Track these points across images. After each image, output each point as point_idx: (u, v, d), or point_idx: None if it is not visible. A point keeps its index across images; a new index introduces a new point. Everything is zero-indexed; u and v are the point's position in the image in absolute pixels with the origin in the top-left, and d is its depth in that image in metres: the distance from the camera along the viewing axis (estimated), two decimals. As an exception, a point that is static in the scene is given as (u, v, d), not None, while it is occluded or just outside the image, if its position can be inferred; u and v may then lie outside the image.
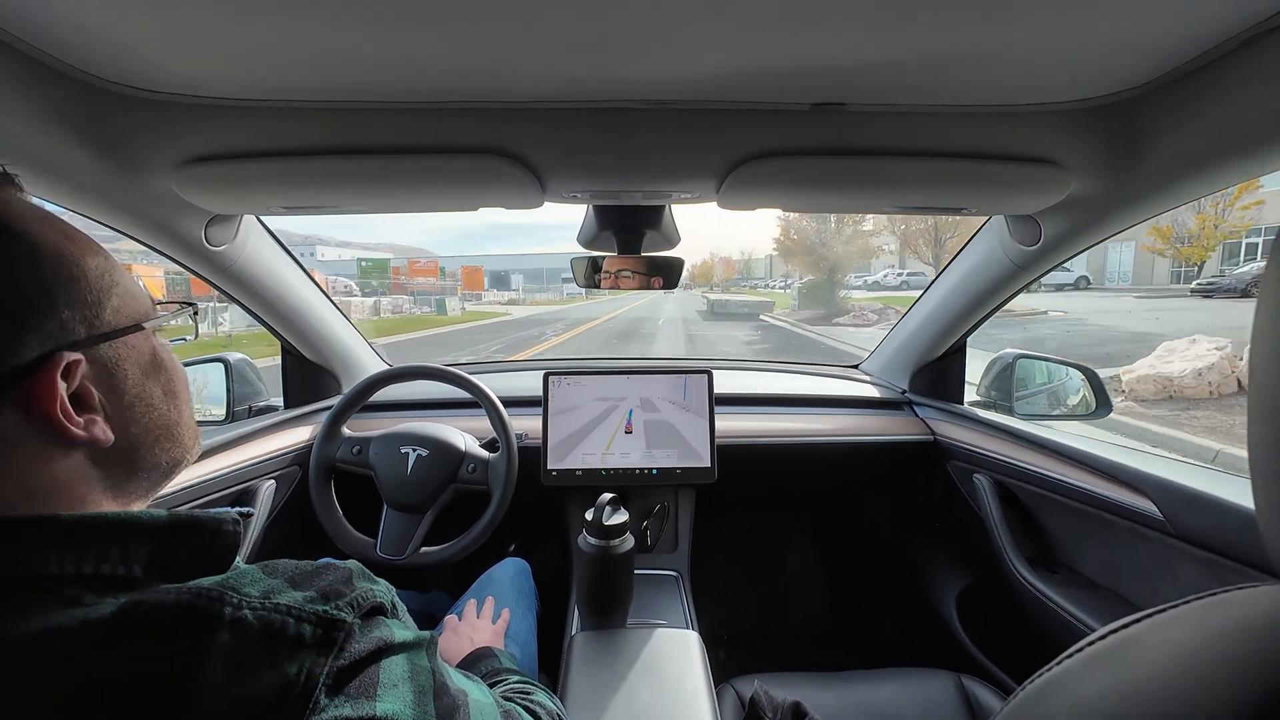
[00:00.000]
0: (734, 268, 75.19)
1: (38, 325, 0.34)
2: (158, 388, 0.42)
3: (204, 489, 1.01)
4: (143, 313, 0.41)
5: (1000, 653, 1.25)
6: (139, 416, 0.40)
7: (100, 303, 0.38)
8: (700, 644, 0.92)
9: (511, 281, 62.72)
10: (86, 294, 0.37)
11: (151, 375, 0.41)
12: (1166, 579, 0.87)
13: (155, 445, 0.41)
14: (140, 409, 0.40)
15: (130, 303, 0.40)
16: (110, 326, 0.38)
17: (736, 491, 1.45)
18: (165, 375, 0.43)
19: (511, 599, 1.05)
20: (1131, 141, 0.75)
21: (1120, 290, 22.58)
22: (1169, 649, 0.27)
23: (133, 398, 0.40)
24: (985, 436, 1.24)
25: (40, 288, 0.35)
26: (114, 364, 0.39)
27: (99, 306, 0.38)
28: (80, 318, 0.36)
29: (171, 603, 0.32)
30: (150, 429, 0.41)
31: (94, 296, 0.37)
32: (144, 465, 0.41)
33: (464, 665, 0.79)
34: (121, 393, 0.39)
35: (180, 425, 0.44)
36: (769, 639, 1.72)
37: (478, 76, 0.67)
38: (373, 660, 0.35)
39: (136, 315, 0.41)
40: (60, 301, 0.35)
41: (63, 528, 0.33)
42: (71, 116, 0.67)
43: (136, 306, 0.41)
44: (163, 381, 0.42)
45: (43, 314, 0.35)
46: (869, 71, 0.65)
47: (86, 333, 0.37)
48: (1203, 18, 0.55)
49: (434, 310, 24.96)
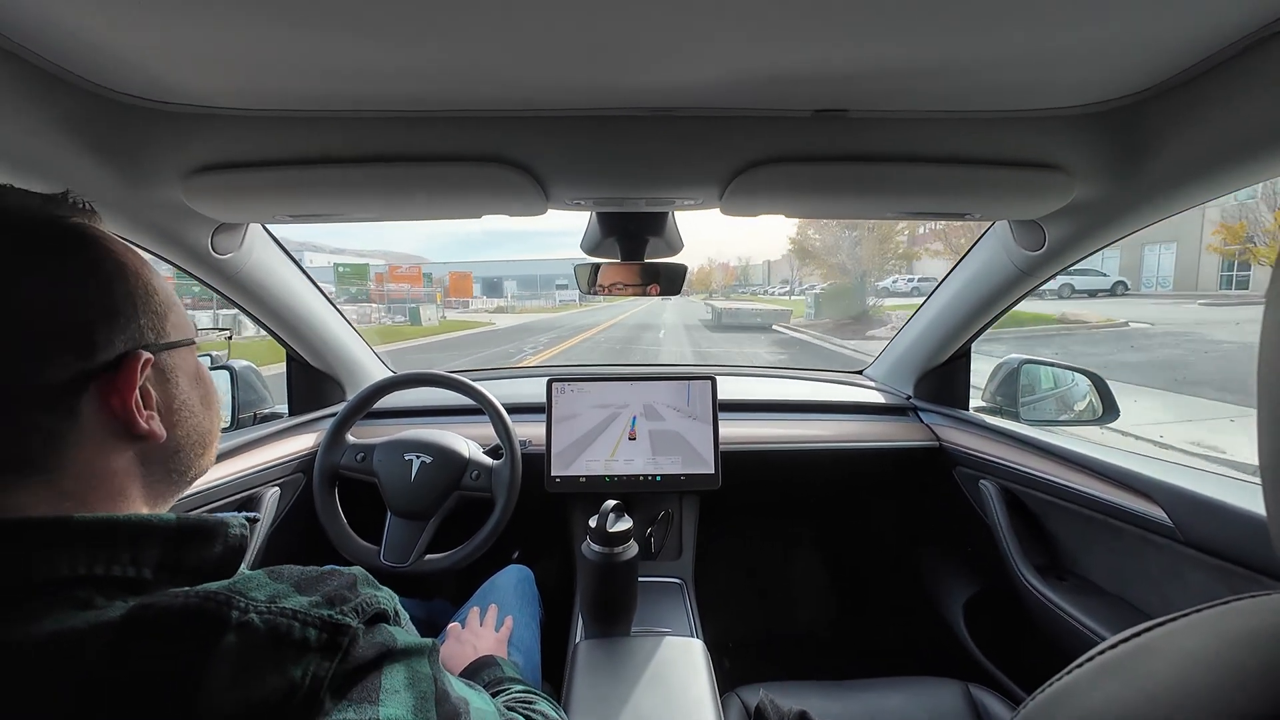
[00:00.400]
0: (732, 273, 74.20)
1: (125, 327, 0.40)
2: (198, 397, 0.46)
3: (209, 495, 1.01)
4: (192, 331, 0.47)
5: (1009, 661, 1.24)
6: (184, 420, 0.44)
7: (165, 316, 0.43)
8: (705, 652, 0.91)
9: (504, 288, 60.54)
10: (157, 307, 0.42)
11: (195, 385, 0.46)
12: (1177, 587, 0.86)
13: (192, 450, 0.46)
14: (185, 414, 0.45)
15: (184, 321, 0.46)
16: (171, 338, 0.43)
17: (741, 498, 1.44)
18: (204, 387, 0.48)
19: (515, 606, 1.05)
20: (1135, 146, 0.75)
21: (1168, 296, 19.42)
22: (1182, 658, 0.27)
23: (180, 403, 0.44)
24: (991, 442, 1.23)
25: (128, 298, 0.40)
26: (170, 371, 0.43)
27: (164, 320, 0.43)
28: (151, 326, 0.42)
29: (180, 606, 0.32)
30: (190, 433, 0.45)
31: (162, 310, 0.43)
32: (179, 468, 0.45)
33: (467, 674, 0.78)
34: (173, 397, 0.44)
35: (211, 434, 0.48)
36: (774, 647, 1.70)
37: (482, 86, 0.67)
38: (375, 666, 0.35)
39: (188, 333, 0.46)
40: (140, 310, 0.41)
41: (75, 530, 0.34)
42: (79, 126, 0.68)
43: (187, 325, 0.46)
44: (202, 392, 0.47)
45: (128, 319, 0.40)
46: (871, 78, 0.65)
47: (155, 339, 0.42)
48: (1206, 22, 0.55)
49: (408, 320, 23.72)
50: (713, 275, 71.16)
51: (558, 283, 73.89)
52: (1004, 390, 1.42)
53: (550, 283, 74.56)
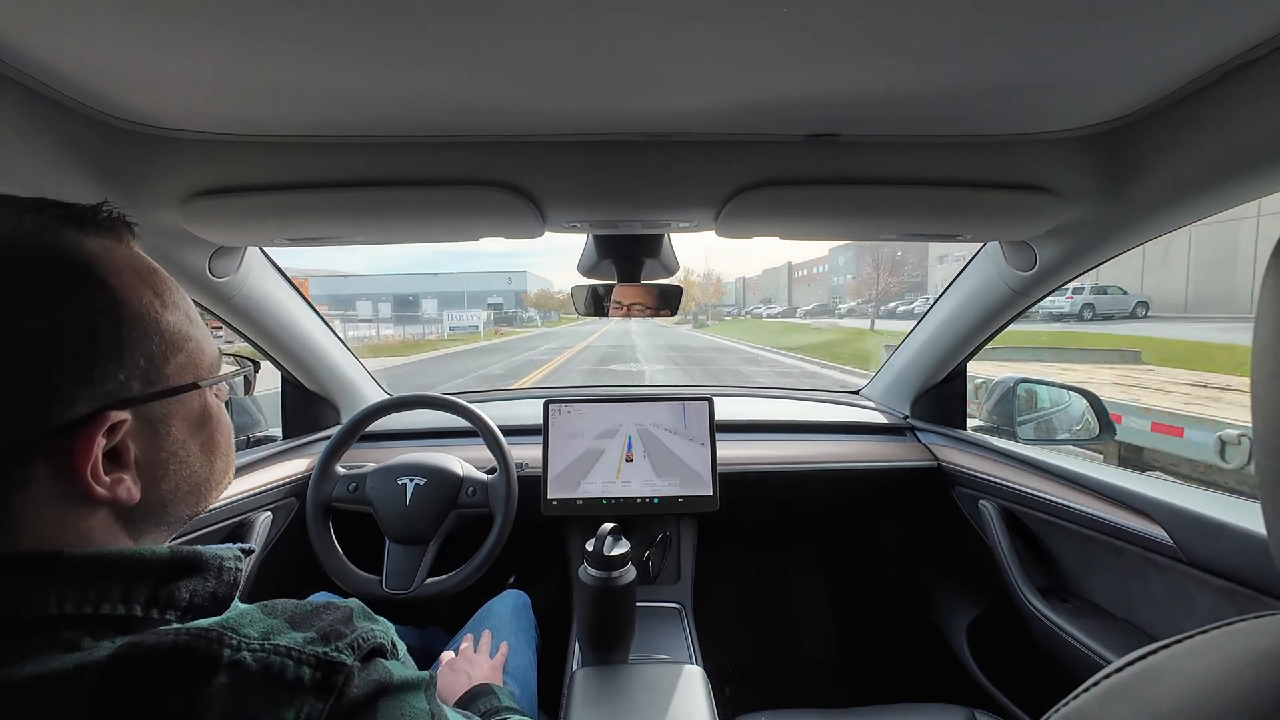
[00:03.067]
0: (719, 289, 70.10)
1: (99, 383, 0.34)
2: (197, 444, 0.41)
3: (201, 521, 1.00)
4: (207, 368, 0.41)
5: (1013, 685, 1.22)
6: (171, 474, 0.39)
7: (166, 359, 0.38)
8: (705, 680, 0.89)
9: (422, 306, 50.23)
10: (155, 349, 0.37)
11: (195, 431, 0.41)
12: (1182, 608, 0.85)
13: (181, 502, 0.41)
14: (174, 465, 0.39)
15: (196, 358, 0.40)
16: (168, 384, 0.38)
17: (739, 520, 1.43)
18: (208, 431, 0.42)
19: (511, 633, 1.03)
20: (1122, 169, 0.76)
21: (1203, 319, 15.91)
22: (1190, 680, 0.26)
23: (169, 454, 0.39)
24: (989, 462, 1.23)
25: (115, 343, 0.35)
26: (161, 420, 0.38)
27: (164, 363, 0.38)
28: (140, 374, 0.36)
29: (169, 644, 0.31)
30: (179, 485, 0.40)
31: (162, 351, 0.38)
32: (166, 520, 0.41)
33: (462, 703, 0.76)
34: (159, 449, 0.38)
35: (209, 482, 0.43)
36: (775, 674, 1.67)
37: (480, 112, 0.68)
38: (371, 704, 0.35)
39: (198, 373, 0.40)
40: (128, 358, 0.35)
41: (66, 566, 0.33)
42: (78, 151, 0.68)
43: (201, 362, 0.41)
44: (204, 438, 0.42)
45: (107, 372, 0.34)
46: (862, 104, 0.67)
47: (142, 389, 0.36)
48: (1186, 50, 0.56)
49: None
50: (691, 291, 65.19)
51: (490, 300, 64.79)
52: (1000, 409, 1.42)
53: (481, 300, 64.81)
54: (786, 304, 64.98)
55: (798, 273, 73.40)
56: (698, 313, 54.33)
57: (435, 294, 62.43)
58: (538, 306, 69.79)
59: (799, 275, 73.34)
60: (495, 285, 74.68)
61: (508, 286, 74.10)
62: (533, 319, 53.43)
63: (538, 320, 55.13)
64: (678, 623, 1.14)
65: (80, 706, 0.29)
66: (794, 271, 74.98)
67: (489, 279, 75.76)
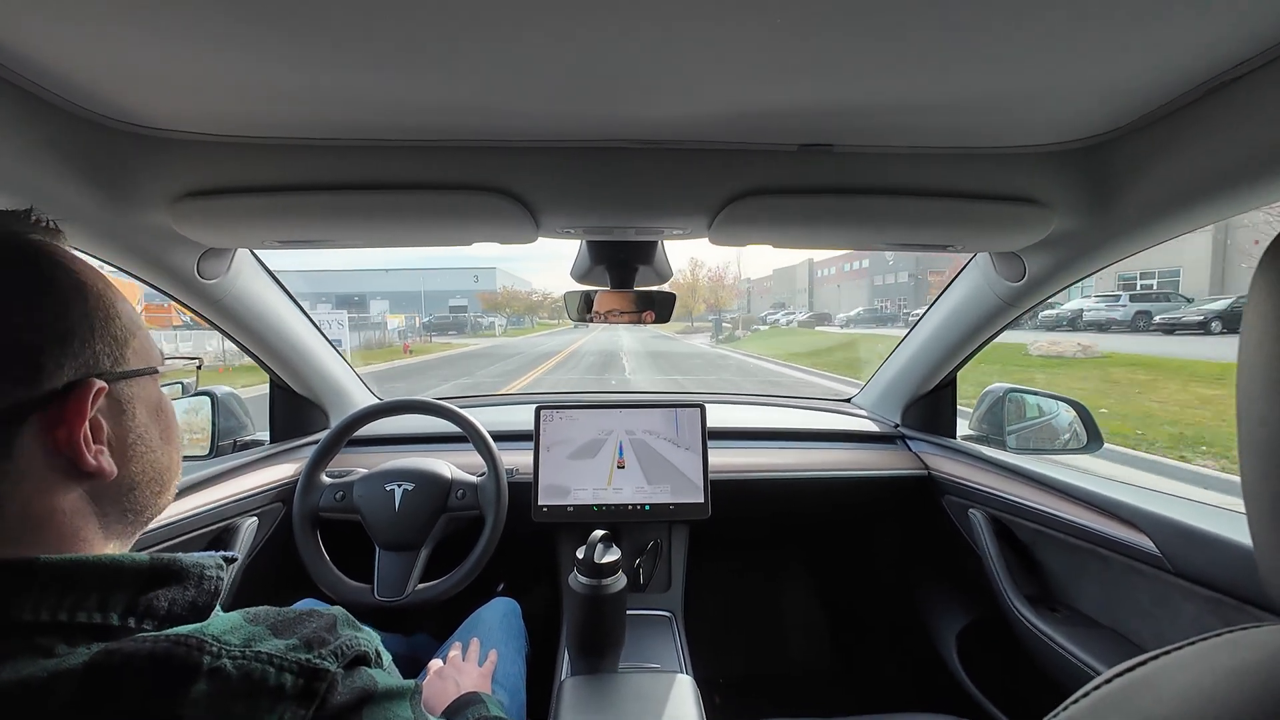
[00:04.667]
0: (732, 293, 52.72)
1: (78, 353, 0.36)
2: (158, 430, 0.43)
3: (185, 526, 0.98)
4: (155, 360, 0.44)
5: (1002, 695, 1.22)
6: (139, 456, 0.41)
7: (126, 342, 0.40)
8: (694, 689, 0.89)
9: (371, 307, 41.02)
10: (118, 332, 0.40)
11: (155, 418, 0.43)
12: (1168, 618, 0.86)
13: (147, 487, 0.42)
14: (141, 448, 0.41)
15: (147, 348, 0.43)
16: (130, 366, 0.40)
17: (730, 528, 1.42)
18: (165, 420, 0.44)
19: (500, 640, 1.02)
20: (1109, 182, 0.77)
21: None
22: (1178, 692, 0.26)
23: (135, 437, 0.41)
24: (979, 471, 1.23)
25: (85, 319, 0.37)
26: (127, 401, 0.40)
27: (124, 346, 0.40)
28: (108, 352, 0.39)
29: (147, 652, 0.31)
30: (146, 470, 0.42)
31: (123, 336, 0.40)
32: (134, 506, 0.41)
33: (450, 712, 0.76)
34: (127, 430, 0.40)
35: (170, 472, 0.45)
36: (765, 683, 1.66)
37: (475, 117, 0.68)
38: (354, 711, 0.34)
39: (151, 361, 0.43)
40: (98, 334, 0.38)
41: (42, 573, 0.32)
42: (67, 150, 0.68)
43: (151, 353, 0.43)
44: (162, 425, 0.44)
45: (83, 343, 0.37)
46: (854, 115, 0.67)
47: (111, 367, 0.39)
48: (1171, 67, 0.57)
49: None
50: (698, 291, 49.58)
51: (452, 302, 54.13)
52: (990, 418, 1.43)
53: (441, 301, 54.16)
54: (808, 308, 48.72)
55: (821, 271, 57.31)
56: (719, 319, 37.54)
57: (386, 294, 49.06)
58: (504, 309, 53.62)
59: (823, 275, 56.84)
60: (460, 284, 59.87)
61: (474, 285, 60.09)
62: (491, 326, 41.38)
63: (498, 327, 41.53)
64: (668, 631, 1.14)
65: (55, 715, 0.28)
66: (815, 270, 58.91)
67: (452, 277, 60.51)
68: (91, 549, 0.38)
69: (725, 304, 49.15)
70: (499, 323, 44.06)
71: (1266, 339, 0.28)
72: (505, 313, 53.21)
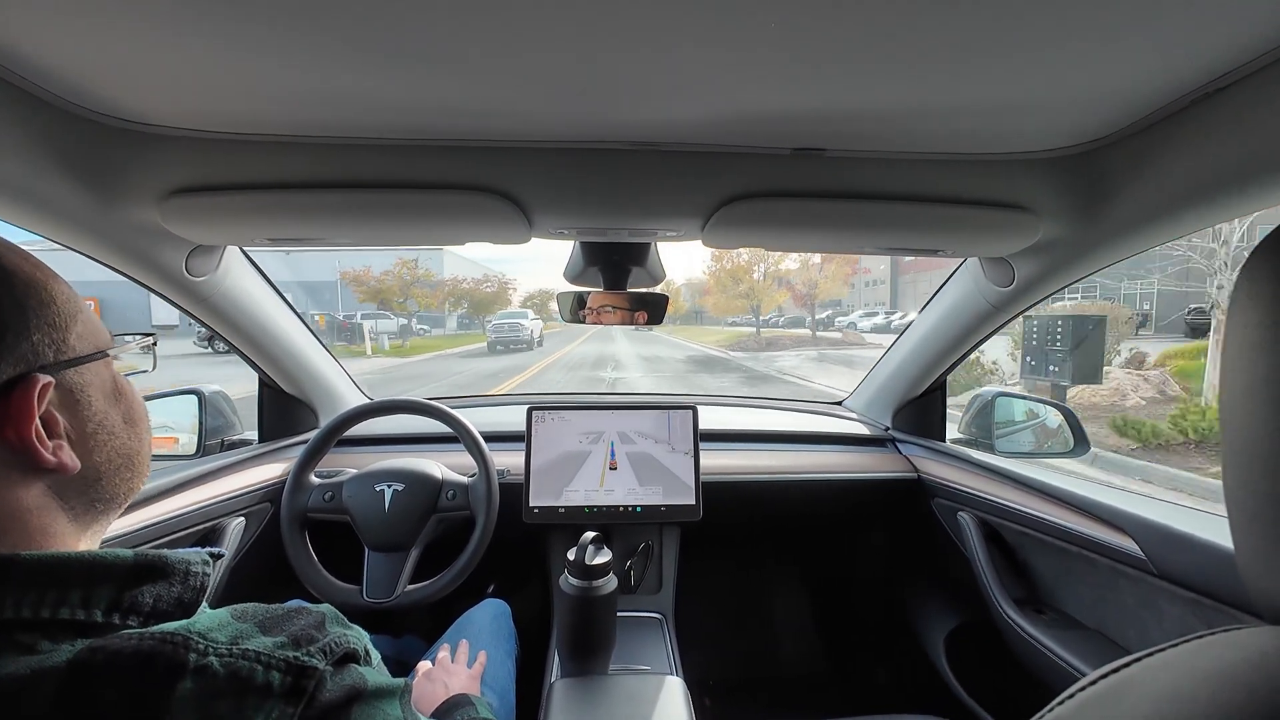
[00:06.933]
0: (799, 295, 33.51)
1: (13, 347, 0.34)
2: (118, 416, 0.41)
3: (171, 526, 0.97)
4: (104, 341, 0.41)
5: (990, 697, 1.23)
6: (102, 444, 0.40)
7: (67, 328, 0.38)
8: (685, 691, 0.89)
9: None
10: (56, 319, 0.37)
11: (113, 403, 0.41)
12: (1152, 620, 0.87)
13: (116, 474, 0.41)
14: (103, 436, 0.40)
15: (93, 330, 0.40)
16: (76, 352, 0.38)
17: (722, 530, 1.43)
18: (125, 403, 0.42)
19: (490, 642, 1.01)
20: (1097, 189, 0.78)
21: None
22: (1160, 693, 0.27)
23: (95, 425, 0.39)
24: (968, 474, 1.24)
25: (16, 310, 0.35)
26: (79, 390, 0.38)
27: (66, 332, 0.38)
28: (49, 342, 0.36)
29: (132, 649, 0.30)
30: (112, 457, 0.40)
31: (62, 321, 0.37)
32: (103, 495, 0.40)
33: (439, 713, 0.75)
34: (85, 420, 0.38)
35: (139, 454, 0.43)
36: (755, 685, 1.67)
37: (468, 117, 0.68)
38: (343, 710, 0.34)
39: (99, 343, 0.41)
40: (32, 325, 0.35)
41: (22, 569, 0.32)
42: (53, 146, 0.67)
43: (98, 334, 0.41)
44: (123, 409, 0.42)
45: (17, 336, 0.34)
46: (847, 120, 0.68)
47: (55, 357, 0.36)
48: (1161, 75, 0.58)
49: None
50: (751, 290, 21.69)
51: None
52: (979, 422, 1.44)
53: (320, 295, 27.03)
54: (890, 307, 34.47)
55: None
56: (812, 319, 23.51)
57: (300, 283, 28.53)
58: (430, 307, 25.30)
59: (907, 260, 16.84)
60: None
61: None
62: (425, 331, 26.44)
63: (382, 339, 19.85)
64: (658, 633, 1.13)
65: (40, 714, 0.28)
66: (899, 268, 37.85)
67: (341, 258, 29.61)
68: (65, 543, 0.37)
69: (834, 294, 24.81)
70: (380, 328, 21.27)
71: (1247, 347, 0.29)
72: (429, 310, 26.67)
